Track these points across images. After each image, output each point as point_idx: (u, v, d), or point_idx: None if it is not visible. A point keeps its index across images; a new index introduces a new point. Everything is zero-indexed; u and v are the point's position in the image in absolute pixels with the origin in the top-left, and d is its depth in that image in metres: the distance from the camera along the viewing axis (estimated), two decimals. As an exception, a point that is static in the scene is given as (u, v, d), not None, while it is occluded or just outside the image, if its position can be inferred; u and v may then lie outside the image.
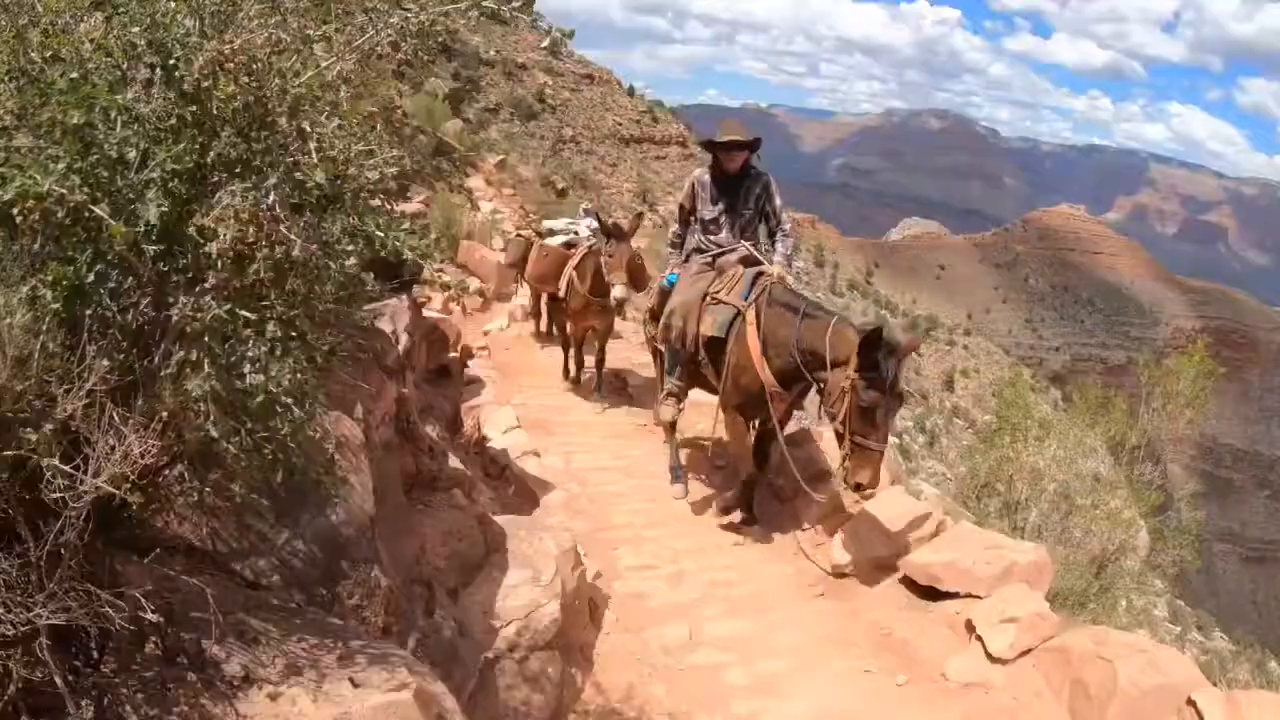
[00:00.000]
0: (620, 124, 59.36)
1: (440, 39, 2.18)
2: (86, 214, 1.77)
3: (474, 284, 16.20)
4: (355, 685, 2.23)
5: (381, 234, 2.03)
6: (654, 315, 7.62)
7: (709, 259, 7.01)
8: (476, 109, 44.38)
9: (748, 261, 6.79)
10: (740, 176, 6.99)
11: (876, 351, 5.12)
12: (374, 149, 2.07)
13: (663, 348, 7.26)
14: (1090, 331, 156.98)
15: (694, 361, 6.72)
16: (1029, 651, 4.72)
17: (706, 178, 7.10)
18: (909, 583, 5.45)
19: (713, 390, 6.76)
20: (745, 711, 4.51)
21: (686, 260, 7.30)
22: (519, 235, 13.85)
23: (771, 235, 7.14)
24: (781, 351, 5.90)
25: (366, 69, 2.15)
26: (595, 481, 7.53)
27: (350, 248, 2.05)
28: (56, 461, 1.76)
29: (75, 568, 1.83)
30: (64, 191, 1.73)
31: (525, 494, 6.85)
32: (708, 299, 6.56)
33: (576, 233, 10.99)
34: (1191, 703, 4.01)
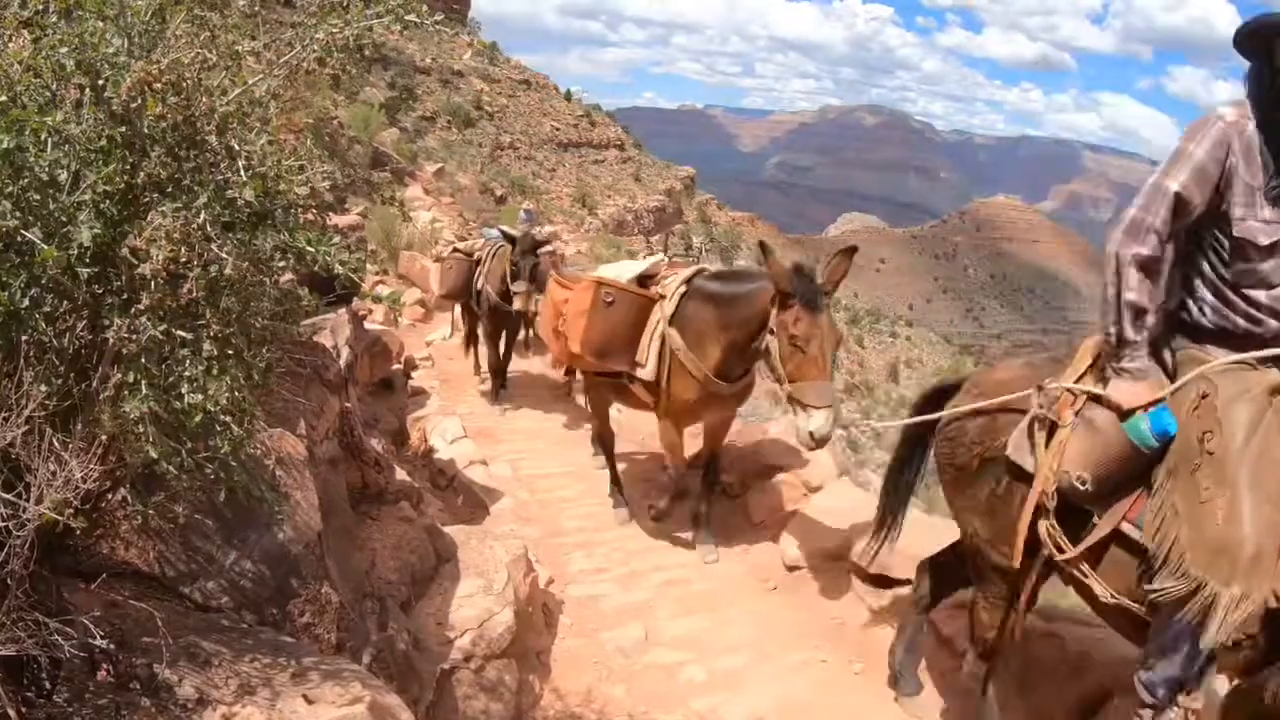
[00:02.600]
0: (558, 129, 59.62)
1: (367, 53, 2.19)
2: (19, 239, 1.76)
3: (415, 294, 16.12)
4: (309, 702, 2.23)
5: (312, 250, 2.03)
6: (1032, 532, 3.28)
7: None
8: (413, 117, 44.32)
9: None
10: None
11: None
12: (304, 164, 2.07)
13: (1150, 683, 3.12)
14: (1030, 318, 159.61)
15: None
16: (983, 633, 4.80)
17: (1253, 131, 2.84)
18: (860, 573, 5.43)
19: None
20: (704, 707, 4.53)
21: (1160, 354, 3.10)
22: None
23: None
24: None
25: (295, 84, 2.15)
26: (544, 488, 7.52)
27: (282, 264, 2.05)
28: (-2, 490, 1.74)
29: (22, 597, 1.82)
30: (-5, 218, 1.72)
31: (474, 503, 6.84)
32: None
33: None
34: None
